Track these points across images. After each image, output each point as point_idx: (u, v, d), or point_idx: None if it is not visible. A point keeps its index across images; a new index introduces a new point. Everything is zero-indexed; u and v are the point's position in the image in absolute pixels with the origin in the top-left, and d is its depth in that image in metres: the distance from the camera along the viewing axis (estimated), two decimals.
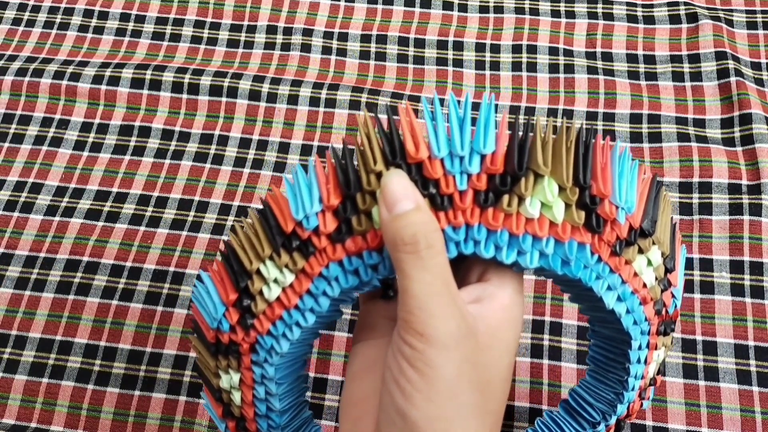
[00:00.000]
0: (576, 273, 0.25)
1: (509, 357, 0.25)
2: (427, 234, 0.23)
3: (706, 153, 0.50)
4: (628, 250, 0.26)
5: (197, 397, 0.44)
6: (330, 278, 0.25)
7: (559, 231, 0.24)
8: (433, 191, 0.24)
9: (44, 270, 0.49)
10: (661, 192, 0.28)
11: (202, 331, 0.28)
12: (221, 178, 0.52)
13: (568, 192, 0.24)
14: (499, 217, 0.24)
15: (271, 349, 0.26)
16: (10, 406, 0.45)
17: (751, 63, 0.55)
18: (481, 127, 0.24)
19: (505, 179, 0.24)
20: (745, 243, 0.47)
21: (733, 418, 0.42)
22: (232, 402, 0.28)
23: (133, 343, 0.46)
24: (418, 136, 0.24)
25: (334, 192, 0.24)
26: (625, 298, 0.27)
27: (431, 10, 0.59)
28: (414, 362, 0.22)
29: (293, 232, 0.25)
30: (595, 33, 0.57)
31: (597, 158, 0.25)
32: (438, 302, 0.22)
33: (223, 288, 0.26)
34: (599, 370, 0.32)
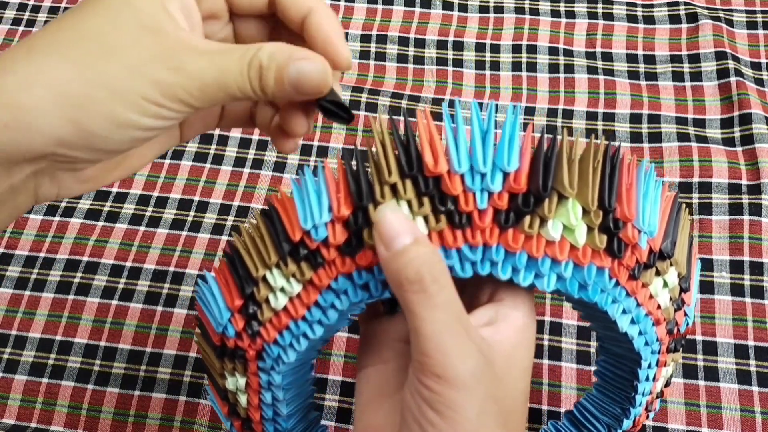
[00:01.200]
0: (593, 297, 0.24)
1: (526, 380, 0.24)
2: (431, 268, 0.22)
3: (706, 153, 0.50)
4: (646, 273, 0.25)
5: (197, 397, 0.44)
6: (339, 291, 0.24)
7: (580, 255, 0.23)
8: (450, 208, 0.22)
9: (44, 270, 0.49)
10: (681, 210, 0.27)
11: (208, 332, 0.27)
12: (221, 178, 0.52)
13: (592, 215, 0.22)
14: (519, 239, 0.22)
15: (278, 358, 0.25)
16: (10, 406, 0.45)
17: (751, 63, 0.55)
18: (506, 142, 0.22)
19: (528, 199, 0.22)
20: (745, 243, 0.47)
21: (733, 418, 0.42)
22: (238, 403, 0.28)
23: (133, 343, 0.46)
24: (438, 147, 0.22)
25: (345, 202, 0.23)
26: (639, 321, 0.26)
27: (431, 10, 0.59)
28: (434, 405, 0.21)
29: (301, 240, 0.23)
30: (595, 33, 0.57)
31: (623, 178, 0.24)
32: (453, 341, 0.21)
33: (229, 292, 0.25)
34: (607, 385, 0.32)
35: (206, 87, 0.22)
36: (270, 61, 0.22)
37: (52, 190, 0.24)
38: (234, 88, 0.22)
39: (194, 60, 0.22)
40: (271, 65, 0.22)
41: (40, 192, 0.24)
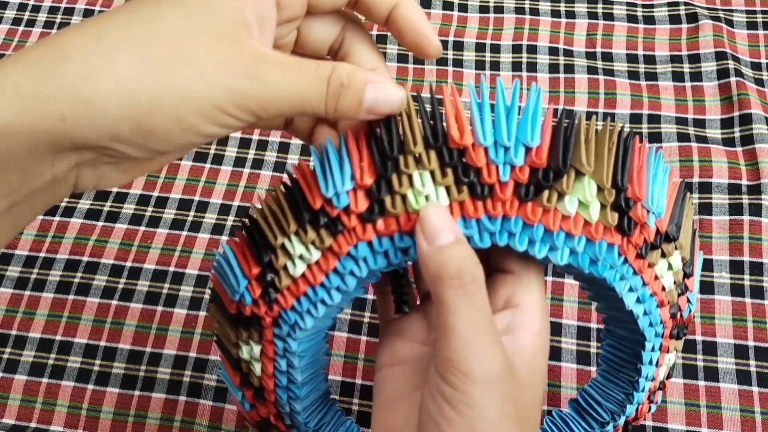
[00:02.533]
0: (602, 273, 0.25)
1: (542, 386, 0.25)
2: (470, 268, 0.22)
3: (706, 153, 0.50)
4: (653, 253, 0.26)
5: (197, 397, 0.44)
6: (358, 258, 0.24)
7: (592, 231, 0.24)
8: (473, 179, 0.23)
9: (44, 270, 0.49)
10: (686, 197, 0.28)
11: (223, 302, 0.28)
12: (221, 178, 0.52)
13: (606, 193, 0.24)
14: (537, 212, 0.23)
15: (294, 325, 0.25)
16: (10, 406, 0.45)
17: (751, 63, 0.55)
18: (529, 117, 0.23)
19: (548, 174, 0.23)
20: (745, 243, 0.47)
21: (733, 419, 0.42)
22: (252, 372, 0.28)
23: (132, 343, 0.46)
24: (463, 121, 0.23)
25: (368, 170, 0.23)
26: (644, 300, 0.27)
27: (431, 10, 0.59)
28: (455, 403, 0.22)
29: (321, 208, 0.24)
30: (595, 33, 0.57)
31: (635, 160, 0.25)
32: (484, 341, 0.22)
33: (246, 261, 0.26)
34: (611, 370, 0.32)
35: (280, 100, 0.21)
36: (350, 81, 0.22)
37: (92, 180, 0.23)
38: (307, 104, 0.22)
39: (271, 72, 0.21)
40: (351, 85, 0.22)
41: (81, 182, 0.23)
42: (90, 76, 0.20)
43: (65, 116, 0.20)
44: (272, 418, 0.30)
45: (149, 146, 0.21)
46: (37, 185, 0.21)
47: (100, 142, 0.20)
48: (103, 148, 0.21)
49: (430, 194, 0.23)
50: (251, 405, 0.30)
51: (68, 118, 0.20)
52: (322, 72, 0.22)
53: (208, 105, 0.21)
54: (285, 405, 0.29)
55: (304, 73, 0.22)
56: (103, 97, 0.20)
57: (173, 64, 0.20)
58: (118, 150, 0.21)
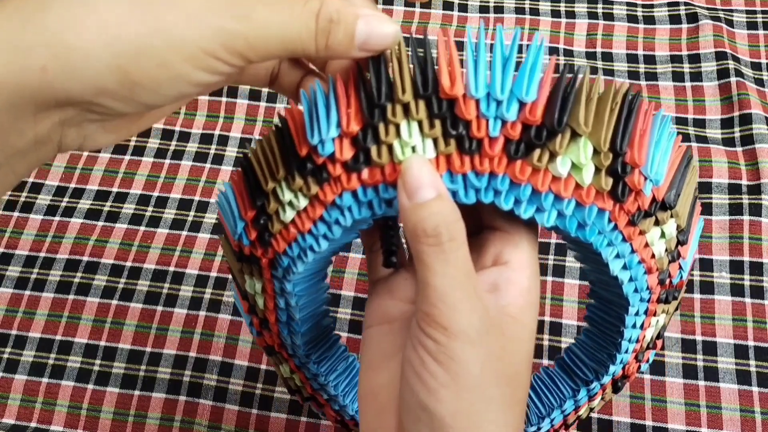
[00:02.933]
0: (589, 237, 0.24)
1: (531, 342, 0.24)
2: (449, 225, 0.22)
3: (706, 153, 0.50)
4: (645, 221, 0.25)
5: (197, 396, 0.44)
6: (343, 207, 0.24)
7: (583, 195, 0.23)
8: (462, 132, 0.22)
9: (44, 270, 0.49)
10: (690, 165, 0.27)
11: (228, 237, 0.28)
12: (221, 178, 0.52)
13: (602, 156, 0.22)
14: (526, 171, 0.22)
15: (288, 268, 0.26)
16: (10, 405, 0.45)
17: (751, 63, 0.55)
18: (527, 71, 0.22)
19: (541, 132, 0.22)
20: (745, 243, 0.47)
21: (733, 419, 0.42)
22: (256, 304, 0.29)
23: (132, 342, 0.46)
24: (456, 70, 0.22)
25: (354, 118, 0.23)
26: (631, 267, 0.26)
27: (431, 9, 0.59)
28: (438, 356, 0.22)
29: (308, 155, 0.23)
30: (595, 33, 0.57)
31: (638, 124, 0.23)
32: (461, 295, 0.22)
33: (242, 203, 0.26)
34: (595, 330, 0.32)
35: (269, 39, 0.21)
36: (339, 16, 0.21)
37: (76, 140, 0.22)
38: (297, 43, 0.21)
39: (259, 10, 0.20)
40: (341, 20, 0.21)
41: (65, 142, 0.22)
42: (72, 23, 0.19)
43: (46, 67, 0.19)
44: (276, 346, 0.30)
45: (136, 98, 0.20)
46: (20, 145, 0.20)
47: (84, 96, 0.20)
48: (88, 103, 0.20)
49: (416, 145, 0.22)
50: (258, 332, 0.30)
51: (50, 68, 0.19)
52: (311, 7, 0.21)
53: (195, 48, 0.20)
54: (286, 338, 0.29)
55: (292, 10, 0.21)
56: (86, 44, 0.19)
57: (158, 7, 0.19)
58: (103, 104, 0.20)
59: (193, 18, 0.20)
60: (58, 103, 0.20)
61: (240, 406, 0.44)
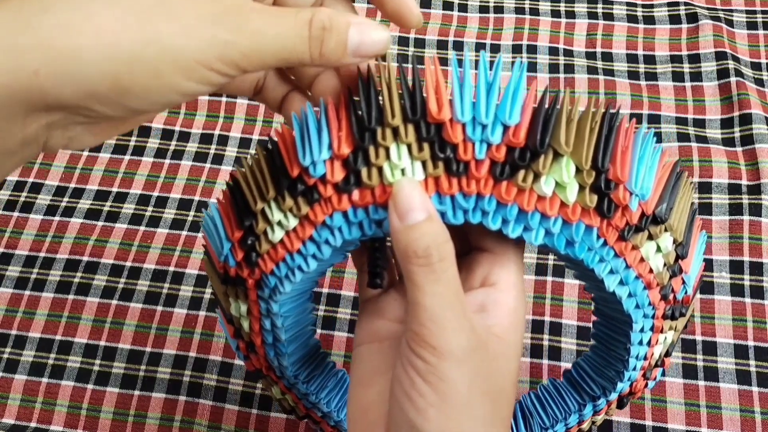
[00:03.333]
0: (579, 255, 0.24)
1: (516, 360, 0.25)
2: (439, 246, 0.22)
3: (706, 153, 0.50)
4: (637, 235, 0.25)
5: (197, 396, 0.44)
6: (333, 228, 0.24)
7: (569, 212, 0.23)
8: (449, 155, 0.23)
9: (44, 270, 0.49)
10: (682, 178, 0.27)
11: (212, 260, 0.28)
12: (221, 178, 0.52)
13: (585, 174, 0.23)
14: (511, 192, 0.23)
15: (275, 288, 0.26)
16: (10, 405, 0.45)
17: (751, 63, 0.55)
18: (509, 96, 0.23)
19: (525, 154, 0.23)
20: (745, 243, 0.47)
21: (733, 419, 0.42)
22: (242, 327, 0.29)
23: (132, 342, 0.46)
24: (443, 95, 0.23)
25: (345, 140, 0.23)
26: (628, 282, 0.26)
27: (431, 10, 0.59)
28: (426, 376, 0.22)
29: (299, 176, 0.24)
30: (595, 33, 0.57)
31: (619, 141, 0.24)
32: (450, 315, 0.22)
33: (230, 223, 0.26)
34: (602, 347, 0.32)
35: (264, 49, 0.21)
36: (331, 24, 0.22)
37: (61, 141, 0.22)
38: (291, 51, 0.21)
39: (253, 20, 0.20)
40: (333, 27, 0.22)
41: (50, 143, 0.22)
42: (68, 28, 0.19)
43: (39, 71, 0.19)
44: (264, 369, 0.31)
45: (126, 104, 0.20)
46: (7, 146, 0.20)
47: (75, 100, 0.20)
48: (77, 107, 0.20)
49: (405, 168, 0.23)
50: (245, 356, 0.31)
51: (42, 72, 0.19)
52: (303, 16, 0.21)
53: (190, 59, 0.20)
54: (273, 360, 0.29)
55: (285, 19, 0.21)
56: (80, 49, 0.19)
57: (154, 16, 0.19)
58: (92, 109, 0.20)
59: (188, 29, 0.20)
60: (48, 107, 0.20)
61: (240, 406, 0.44)
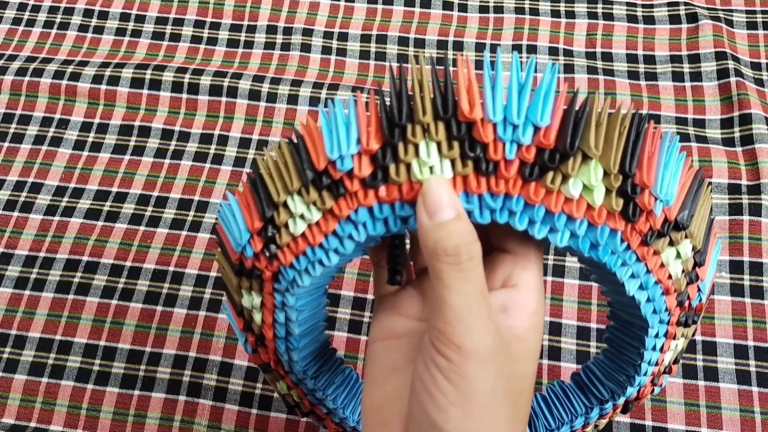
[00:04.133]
0: (602, 257, 0.25)
1: (535, 362, 0.25)
2: (468, 245, 0.22)
3: (705, 153, 0.50)
4: (659, 241, 0.25)
5: (197, 396, 0.44)
6: (358, 223, 0.24)
7: (595, 215, 0.24)
8: (479, 154, 0.23)
9: (44, 270, 0.49)
10: (703, 186, 0.28)
11: (227, 251, 0.28)
12: (221, 178, 0.52)
13: (612, 178, 0.23)
14: (540, 193, 0.23)
15: (293, 281, 0.26)
16: (10, 405, 0.45)
17: (751, 63, 0.55)
18: (541, 97, 0.23)
19: (554, 155, 0.23)
20: (745, 243, 0.47)
21: (733, 419, 0.42)
22: (253, 320, 0.29)
23: (132, 342, 0.46)
24: (474, 94, 0.23)
25: (375, 136, 0.23)
26: (648, 287, 0.26)
27: (431, 10, 0.59)
28: (449, 375, 0.22)
29: (325, 170, 0.24)
30: (595, 33, 0.57)
31: (646, 146, 0.24)
32: (476, 315, 0.22)
33: (249, 214, 0.26)
34: (614, 351, 0.32)
35: None
36: None
37: None
38: None
39: None
40: None
41: None
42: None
43: None
44: (272, 363, 0.31)
45: None
46: None
47: None
48: None
49: (434, 165, 0.23)
50: (253, 349, 0.30)
51: None
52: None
53: None
54: (283, 354, 0.29)
55: None
56: None
57: None
58: None
59: None
60: None
61: (240, 406, 0.44)
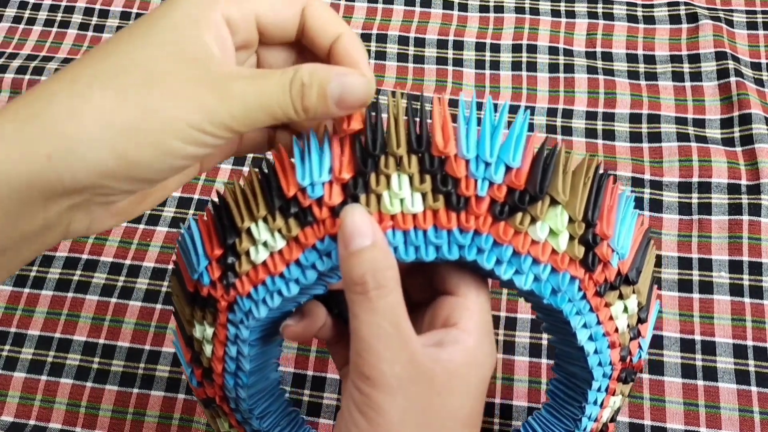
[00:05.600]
0: (560, 304, 0.25)
1: (472, 400, 0.24)
2: (376, 273, 0.22)
3: (705, 153, 0.50)
4: (611, 293, 0.26)
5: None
6: (323, 252, 0.24)
7: (559, 260, 0.24)
8: (451, 189, 0.23)
9: (43, 267, 0.49)
10: (650, 245, 0.29)
11: (183, 278, 0.28)
12: (221, 177, 0.52)
13: (576, 225, 0.24)
14: (509, 232, 0.23)
15: (248, 312, 0.25)
16: (9, 403, 0.45)
17: (751, 63, 0.55)
18: (513, 139, 0.24)
19: (524, 197, 0.23)
20: (744, 243, 0.47)
21: (732, 418, 0.42)
22: (203, 352, 0.28)
23: (131, 340, 0.46)
24: (449, 130, 0.24)
25: (347, 165, 0.23)
26: (596, 339, 0.27)
27: (431, 9, 0.59)
28: (361, 407, 0.22)
29: (294, 197, 0.24)
30: (595, 33, 0.57)
31: (606, 199, 0.25)
32: (385, 345, 0.22)
33: (210, 241, 0.26)
34: (556, 405, 0.33)
35: (250, 109, 0.22)
36: (311, 79, 0.22)
37: (83, 224, 0.24)
38: (276, 108, 0.22)
39: (237, 84, 0.22)
40: (313, 82, 0.22)
41: (72, 227, 0.23)
42: (71, 114, 0.21)
43: (51, 155, 0.20)
44: (217, 399, 0.30)
45: (136, 176, 0.22)
46: (28, 230, 0.22)
47: (90, 180, 0.21)
48: (92, 187, 0.21)
49: (405, 198, 0.23)
50: (199, 383, 0.30)
51: (54, 156, 0.20)
52: (286, 75, 0.22)
53: (182, 124, 0.21)
54: (231, 390, 0.29)
55: (268, 80, 0.22)
56: (86, 131, 0.20)
57: (145, 90, 0.21)
58: (107, 185, 0.22)
59: (177, 98, 0.21)
60: (66, 190, 0.21)
61: None
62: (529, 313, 0.46)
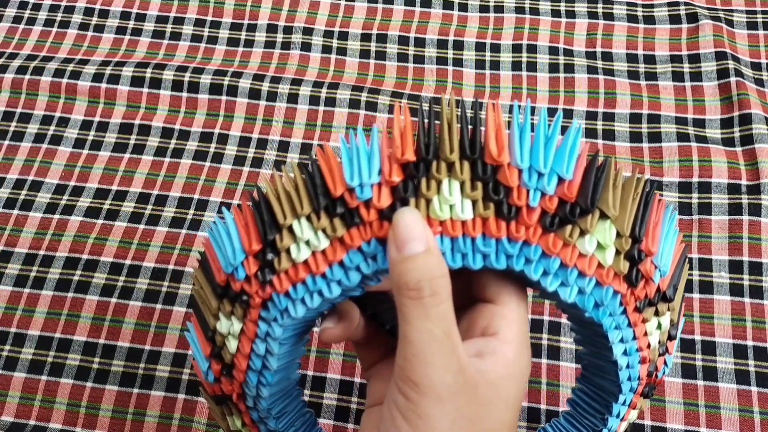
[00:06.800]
0: (601, 318, 0.25)
1: (511, 411, 0.24)
2: (432, 280, 0.22)
3: (705, 153, 0.50)
4: (649, 309, 0.26)
5: (196, 394, 0.44)
6: (368, 254, 0.23)
7: (604, 274, 0.24)
8: (502, 198, 0.23)
9: (43, 267, 0.49)
10: (686, 263, 0.28)
11: (212, 270, 0.27)
12: (221, 177, 0.52)
13: (623, 240, 0.24)
14: (558, 244, 0.23)
15: (285, 311, 0.25)
16: (9, 403, 0.45)
17: (751, 63, 0.55)
18: (567, 151, 0.23)
19: (575, 209, 0.23)
20: (744, 243, 0.47)
21: (732, 418, 0.42)
22: (225, 347, 0.27)
23: (132, 340, 0.46)
24: (503, 138, 0.23)
25: (398, 168, 0.23)
26: (630, 354, 0.27)
27: (431, 9, 0.59)
28: (406, 413, 0.22)
29: (341, 197, 0.23)
30: (595, 33, 0.57)
31: (652, 215, 0.25)
32: (436, 352, 0.22)
33: (247, 234, 0.25)
34: (577, 415, 0.33)
35: None
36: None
37: None
38: None
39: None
40: None
41: None
42: None
43: None
44: (234, 396, 0.29)
45: None
46: None
47: None
48: None
49: (455, 204, 0.23)
50: (216, 378, 0.29)
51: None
52: None
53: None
54: (253, 388, 0.28)
55: None
56: None
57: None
58: None
59: None
60: None
61: None
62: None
